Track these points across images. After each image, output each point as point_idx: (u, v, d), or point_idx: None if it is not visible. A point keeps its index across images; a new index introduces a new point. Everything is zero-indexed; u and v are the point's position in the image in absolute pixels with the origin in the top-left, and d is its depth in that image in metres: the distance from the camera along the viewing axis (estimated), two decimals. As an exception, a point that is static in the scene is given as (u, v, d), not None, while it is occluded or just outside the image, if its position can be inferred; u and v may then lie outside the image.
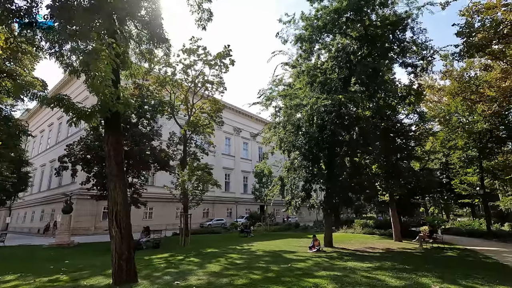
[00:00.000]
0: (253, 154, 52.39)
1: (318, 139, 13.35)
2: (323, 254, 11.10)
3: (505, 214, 28.94)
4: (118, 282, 6.28)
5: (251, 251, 12.30)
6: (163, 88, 25.87)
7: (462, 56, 12.57)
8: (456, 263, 9.14)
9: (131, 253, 6.56)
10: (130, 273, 6.44)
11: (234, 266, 8.51)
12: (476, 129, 21.01)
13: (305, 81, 15.45)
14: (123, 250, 6.43)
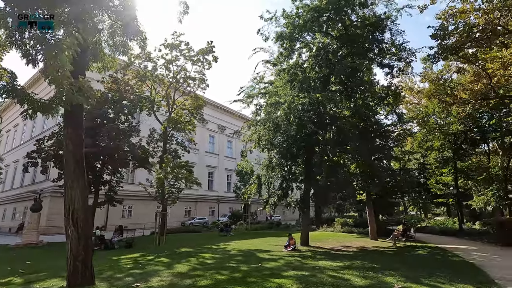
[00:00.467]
0: (237, 152, 52.06)
1: (296, 137, 13.29)
2: (296, 253, 11.04)
3: (478, 213, 30.06)
4: (72, 284, 5.92)
5: (226, 251, 12.10)
6: (144, 83, 25.21)
7: (436, 58, 12.82)
8: (424, 261, 9.29)
9: (88, 254, 6.22)
10: (87, 275, 6.10)
11: (203, 266, 8.29)
12: (451, 130, 21.64)
13: (285, 79, 15.38)
14: (80, 250, 6.08)
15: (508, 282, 6.43)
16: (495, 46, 12.54)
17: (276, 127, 13.91)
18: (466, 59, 13.08)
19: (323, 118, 13.84)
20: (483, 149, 26.25)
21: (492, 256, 10.27)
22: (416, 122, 26.04)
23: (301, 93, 13.49)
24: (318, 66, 15.19)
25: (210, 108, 47.73)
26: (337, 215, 38.70)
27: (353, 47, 14.97)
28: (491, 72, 13.18)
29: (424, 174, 30.31)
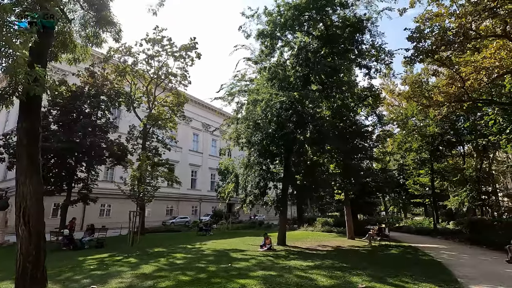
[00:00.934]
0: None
1: (275, 136, 13.18)
2: (271, 253, 10.92)
3: (453, 213, 31.06)
4: (20, 287, 5.53)
5: (200, 250, 11.83)
6: (124, 79, 24.48)
7: (413, 60, 13.00)
8: (395, 260, 9.37)
9: (40, 254, 5.82)
10: (38, 276, 5.71)
11: (170, 267, 8.01)
12: (428, 132, 22.18)
13: (266, 77, 15.27)
14: (30, 250, 5.69)
15: (469, 281, 6.53)
16: (468, 50, 12.85)
17: (255, 125, 13.76)
18: (441, 62, 13.34)
19: (302, 117, 13.78)
20: (459, 151, 27.13)
21: (460, 255, 10.50)
22: (396, 123, 26.60)
23: (281, 91, 13.41)
24: (299, 65, 15.15)
25: (194, 106, 47.08)
26: (319, 215, 39.08)
27: (333, 47, 15.02)
28: (464, 76, 13.50)
29: (403, 175, 31.00)
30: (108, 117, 21.65)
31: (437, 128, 21.64)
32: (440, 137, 22.79)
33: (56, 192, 17.96)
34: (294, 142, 13.16)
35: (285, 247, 12.86)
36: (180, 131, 45.30)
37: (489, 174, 26.12)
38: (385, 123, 24.98)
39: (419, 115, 22.33)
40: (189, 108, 46.42)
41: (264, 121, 13.17)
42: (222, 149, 15.49)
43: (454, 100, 14.36)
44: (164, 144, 25.88)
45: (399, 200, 43.45)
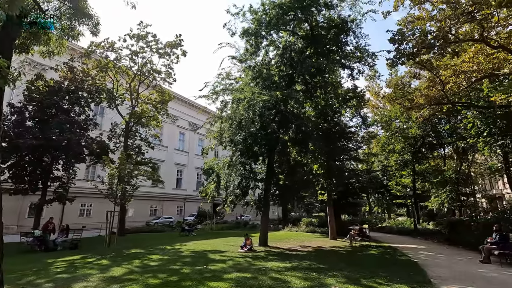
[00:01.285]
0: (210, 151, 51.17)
1: (258, 135, 13.03)
2: (250, 254, 10.75)
3: (435, 214, 31.82)
4: (-29, 293, 5.13)
5: (179, 252, 11.53)
6: (106, 75, 23.78)
7: (394, 62, 13.13)
8: (373, 261, 9.37)
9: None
10: (-8, 281, 5.32)
11: (143, 269, 7.70)
12: (411, 134, 22.58)
13: (250, 76, 15.11)
14: (-16, 254, 5.29)
15: (442, 282, 6.55)
16: (448, 54, 13.09)
17: (238, 124, 13.57)
18: (422, 65, 13.54)
19: (285, 117, 13.69)
20: (440, 153, 27.80)
21: (436, 255, 10.64)
22: (380, 125, 26.99)
23: (264, 90, 13.28)
24: (283, 64, 15.08)
25: (181, 105, 46.41)
26: (305, 215, 39.26)
27: (318, 47, 15.01)
28: (444, 79, 13.77)
29: (386, 176, 31.50)
30: (88, 114, 20.94)
31: (419, 130, 22.05)
32: (422, 139, 23.24)
33: (31, 191, 17.21)
34: (277, 142, 13.04)
35: (266, 247, 12.72)
36: (166, 129, 44.57)
37: (468, 176, 26.89)
38: (369, 125, 25.30)
39: (402, 117, 22.72)
40: (175, 106, 45.73)
41: (247, 120, 13.00)
42: (205, 148, 15.19)
43: (434, 103, 14.63)
44: (147, 143, 25.30)
45: (383, 201, 44.25)
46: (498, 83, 15.52)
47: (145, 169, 24.80)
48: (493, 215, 12.15)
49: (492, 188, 39.82)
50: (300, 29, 15.97)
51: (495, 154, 17.73)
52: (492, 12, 10.35)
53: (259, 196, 13.30)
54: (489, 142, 17.11)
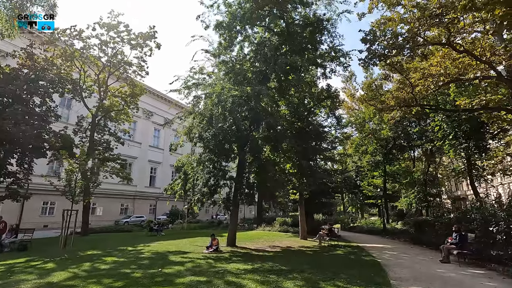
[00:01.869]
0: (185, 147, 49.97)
1: (228, 132, 12.59)
2: (215, 255, 10.30)
3: (404, 214, 32.91)
4: None
5: (139, 253, 10.85)
6: (72, 64, 22.31)
7: (367, 63, 13.18)
8: (337, 261, 9.24)
9: None
10: None
11: (89, 274, 7.03)
12: (382, 136, 23.07)
13: (223, 71, 14.65)
14: None
15: (401, 283, 6.47)
16: (417, 57, 13.33)
17: (209, 120, 13.05)
18: (393, 66, 13.69)
19: (257, 114, 13.34)
20: (410, 155, 28.73)
21: (400, 255, 10.73)
22: (354, 126, 27.44)
23: (236, 86, 12.86)
24: (257, 60, 14.75)
25: (156, 100, 44.95)
26: (280, 215, 39.27)
27: (293, 44, 14.81)
28: (413, 82, 14.04)
29: (359, 177, 32.14)
30: (49, 105, 19.47)
31: (390, 132, 22.57)
32: (393, 141, 23.83)
33: (-22, 187, 15.71)
34: (248, 139, 12.65)
35: (233, 248, 12.32)
36: (140, 125, 42.97)
37: (435, 177, 28.00)
38: (344, 126, 25.63)
39: (375, 119, 23.19)
40: (150, 101, 44.20)
41: (217, 116, 12.53)
42: (173, 144, 14.49)
43: (404, 105, 14.86)
44: (116, 138, 24.06)
45: (357, 201, 45.25)
46: (463, 89, 16.13)
47: (113, 165, 23.67)
48: (455, 215, 12.46)
49: (457, 190, 41.88)
50: (276, 25, 15.70)
51: (460, 156, 18.44)
52: (458, 16, 10.58)
53: (226, 194, 12.84)
54: (454, 145, 17.75)
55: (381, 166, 24.16)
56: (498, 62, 11.93)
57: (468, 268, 8.09)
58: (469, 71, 13.38)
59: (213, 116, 12.85)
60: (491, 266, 7.91)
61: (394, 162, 25.68)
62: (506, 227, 8.91)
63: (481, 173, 18.68)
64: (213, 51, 15.84)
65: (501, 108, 12.75)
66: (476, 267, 8.20)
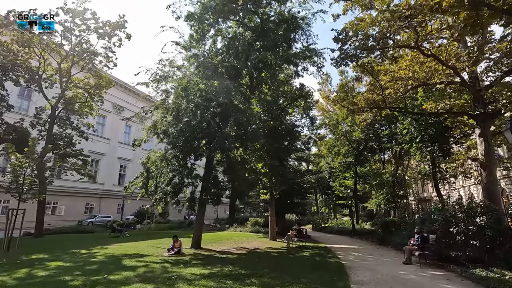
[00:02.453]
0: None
1: (195, 128, 11.95)
2: (174, 258, 9.66)
3: (374, 214, 33.82)
4: None
5: (91, 257, 9.94)
6: (31, 51, 20.49)
7: (338, 62, 13.11)
8: (301, 264, 8.96)
9: None
10: None
11: (20, 282, 6.18)
12: (354, 137, 23.41)
13: (193, 65, 14.02)
14: None
15: (363, 286, 6.26)
16: (387, 59, 13.47)
17: (175, 114, 12.35)
18: (364, 68, 13.75)
19: (226, 110, 12.82)
20: (380, 157, 29.52)
21: (365, 256, 10.68)
22: (328, 128, 27.70)
23: (204, 80, 12.28)
24: (229, 55, 14.25)
25: (128, 95, 42.99)
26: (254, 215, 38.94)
27: (267, 41, 14.44)
28: (383, 84, 14.22)
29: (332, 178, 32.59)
30: (1, 94, 17.71)
31: (361, 134, 22.95)
32: (364, 143, 24.29)
33: None
34: (215, 136, 12.10)
35: (197, 250, 11.72)
36: (110, 120, 40.86)
37: (403, 179, 28.96)
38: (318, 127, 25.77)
39: (348, 121, 23.47)
40: (122, 96, 42.20)
41: (183, 111, 11.90)
42: (137, 140, 13.61)
43: (374, 106, 15.01)
44: (80, 132, 22.47)
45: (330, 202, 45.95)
46: (430, 93, 16.62)
47: (74, 161, 22.09)
48: (420, 216, 12.69)
49: (423, 192, 43.83)
50: (250, 21, 15.27)
51: (425, 159, 19.06)
52: (426, 20, 10.75)
53: (191, 194, 12.20)
54: (420, 148, 18.28)
55: (352, 167, 24.53)
56: (462, 69, 12.28)
57: (428, 270, 8.11)
58: (436, 77, 13.76)
59: (179, 110, 12.19)
60: (450, 267, 7.98)
61: (365, 163, 26.20)
62: (465, 228, 9.11)
63: (444, 175, 19.42)
64: (184, 43, 15.13)
65: (463, 113, 13.19)
66: (436, 268, 8.24)
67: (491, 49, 10.63)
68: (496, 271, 6.95)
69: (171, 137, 11.96)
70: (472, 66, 11.81)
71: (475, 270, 7.16)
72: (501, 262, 7.50)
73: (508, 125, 6.38)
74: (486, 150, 11.63)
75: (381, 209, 29.77)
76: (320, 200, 51.73)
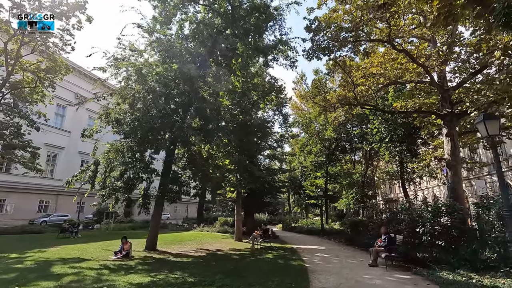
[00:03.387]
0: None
1: (152, 117, 10.74)
2: (118, 263, 8.46)
3: (344, 214, 34.07)
4: None
5: (18, 262, 8.46)
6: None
7: (310, 54, 12.52)
8: (260, 268, 8.14)
9: None
10: None
11: None
12: (326, 136, 23.16)
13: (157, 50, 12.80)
14: None
15: (323, 295, 5.55)
16: (359, 54, 13.11)
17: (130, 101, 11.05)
18: (336, 62, 13.28)
19: (189, 99, 11.70)
20: (351, 158, 29.72)
21: (331, 258, 10.11)
22: (301, 126, 27.33)
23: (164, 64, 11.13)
24: (197, 41, 13.19)
25: (93, 85, 39.93)
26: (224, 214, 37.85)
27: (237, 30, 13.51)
28: (355, 80, 13.88)
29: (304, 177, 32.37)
30: None
31: (333, 133, 22.76)
32: (336, 142, 24.17)
33: None
34: (173, 126, 10.98)
35: (150, 253, 10.53)
36: (71, 112, 37.70)
37: (372, 179, 29.35)
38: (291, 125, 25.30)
39: (320, 119, 23.20)
40: (84, 86, 39.18)
41: (138, 97, 10.68)
42: (87, 130, 12.11)
43: (345, 103, 14.64)
44: (29, 122, 20.17)
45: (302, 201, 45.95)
46: (400, 93, 16.61)
47: (21, 154, 19.82)
48: (387, 216, 12.42)
49: (390, 192, 45.17)
50: (221, 6, 14.29)
51: (394, 159, 19.14)
52: (399, 12, 10.42)
53: (144, 190, 11.01)
54: (389, 148, 18.31)
55: (324, 166, 24.32)
56: (431, 68, 12.18)
57: (395, 272, 7.63)
58: (406, 75, 13.63)
59: (135, 97, 10.93)
60: (417, 269, 7.53)
61: (336, 163, 26.14)
62: (431, 228, 8.80)
63: (411, 175, 19.64)
64: (146, 26, 13.80)
65: (432, 112, 13.14)
66: (402, 271, 7.78)
67: (461, 44, 10.49)
68: (463, 274, 6.57)
69: (124, 126, 10.67)
70: (442, 65, 11.71)
71: (441, 273, 6.74)
72: (466, 263, 7.18)
73: (481, 117, 5.99)
74: (452, 150, 11.58)
75: (351, 209, 29.99)
76: (293, 199, 51.74)
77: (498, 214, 7.55)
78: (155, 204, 11.78)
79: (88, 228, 24.96)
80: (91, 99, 12.74)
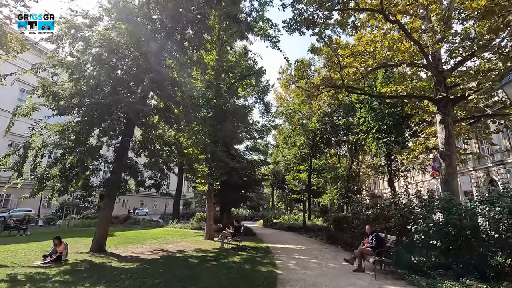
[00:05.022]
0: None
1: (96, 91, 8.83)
2: (40, 270, 6.61)
3: (328, 209, 32.97)
4: None
5: None
6: None
7: (291, 26, 10.89)
8: (218, 276, 6.51)
9: None
10: None
11: None
12: (310, 127, 21.72)
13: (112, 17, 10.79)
14: None
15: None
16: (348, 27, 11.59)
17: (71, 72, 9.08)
18: (321, 37, 11.72)
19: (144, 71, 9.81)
20: (336, 151, 28.55)
21: (310, 260, 8.59)
22: (284, 117, 25.81)
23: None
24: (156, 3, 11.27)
25: (40, 58, 36.82)
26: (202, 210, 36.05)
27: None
28: (342, 61, 12.39)
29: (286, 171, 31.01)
30: None
31: (318, 124, 21.36)
32: (321, 133, 22.81)
33: None
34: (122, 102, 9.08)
35: (94, 255, 8.68)
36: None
37: (357, 174, 28.29)
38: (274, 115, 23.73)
39: (304, 109, 21.73)
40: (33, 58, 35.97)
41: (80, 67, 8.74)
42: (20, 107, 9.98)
43: (331, 85, 13.14)
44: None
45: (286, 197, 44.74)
46: (390, 78, 15.28)
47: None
48: (373, 212, 11.07)
49: (375, 188, 44.69)
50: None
51: (381, 151, 17.93)
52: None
53: (84, 180, 9.15)
54: (377, 138, 17.06)
55: (307, 159, 22.95)
56: (426, 46, 10.83)
57: (385, 282, 6.17)
58: (397, 56, 12.25)
59: (78, 66, 8.97)
60: (412, 277, 6.08)
61: (320, 156, 24.85)
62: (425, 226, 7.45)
63: (399, 168, 18.54)
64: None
65: (425, 97, 11.84)
66: (395, 280, 6.32)
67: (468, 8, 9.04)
68: (470, 284, 5.18)
69: (62, 100, 8.72)
70: (437, 43, 10.34)
71: (444, 284, 5.32)
72: (473, 270, 5.81)
73: (510, 77, 4.57)
74: (446, 139, 10.31)
75: (335, 204, 28.91)
76: (277, 195, 50.52)
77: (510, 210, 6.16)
78: (105, 197, 9.92)
79: (49, 224, 22.57)
80: (28, 71, 10.59)
